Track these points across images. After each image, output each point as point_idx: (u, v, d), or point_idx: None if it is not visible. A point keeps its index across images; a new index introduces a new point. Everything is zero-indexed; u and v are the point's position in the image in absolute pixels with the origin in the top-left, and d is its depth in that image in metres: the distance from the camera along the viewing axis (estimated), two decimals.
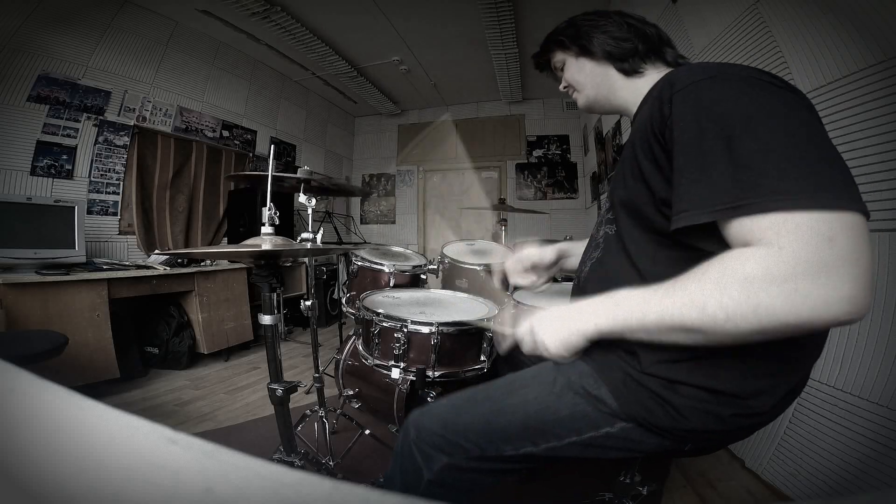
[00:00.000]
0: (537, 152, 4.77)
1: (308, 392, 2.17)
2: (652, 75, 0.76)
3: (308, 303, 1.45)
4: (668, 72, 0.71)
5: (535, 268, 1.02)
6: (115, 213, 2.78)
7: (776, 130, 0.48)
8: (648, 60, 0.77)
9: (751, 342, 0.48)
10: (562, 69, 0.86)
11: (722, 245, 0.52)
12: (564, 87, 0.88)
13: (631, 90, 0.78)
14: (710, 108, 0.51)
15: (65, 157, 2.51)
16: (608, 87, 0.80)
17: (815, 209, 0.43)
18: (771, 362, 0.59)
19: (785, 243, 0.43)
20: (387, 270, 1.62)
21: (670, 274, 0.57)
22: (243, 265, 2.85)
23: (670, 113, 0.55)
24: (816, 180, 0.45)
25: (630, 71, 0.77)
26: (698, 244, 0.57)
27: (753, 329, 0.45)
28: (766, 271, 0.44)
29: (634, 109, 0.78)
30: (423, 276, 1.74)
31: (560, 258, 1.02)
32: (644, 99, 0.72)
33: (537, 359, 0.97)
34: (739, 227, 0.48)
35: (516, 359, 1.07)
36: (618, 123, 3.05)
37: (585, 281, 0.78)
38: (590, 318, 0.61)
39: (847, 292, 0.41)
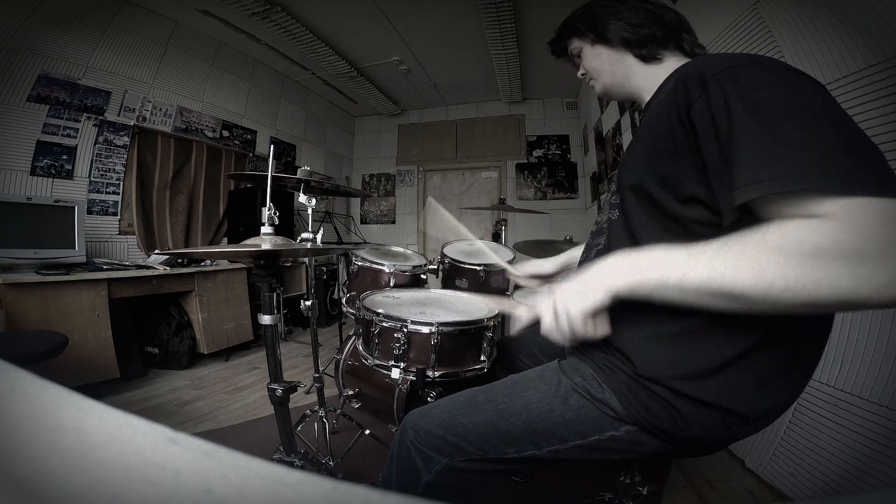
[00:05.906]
0: (537, 152, 4.77)
1: (308, 392, 2.17)
2: (670, 62, 0.75)
3: (308, 303, 1.45)
4: (686, 62, 0.70)
5: (536, 276, 1.04)
6: (115, 213, 2.78)
7: (831, 119, 0.47)
8: (667, 47, 0.75)
9: (794, 313, 0.46)
10: (579, 55, 0.85)
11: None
12: (582, 75, 0.87)
13: (647, 77, 0.76)
14: (759, 93, 0.49)
15: (65, 157, 2.51)
16: (624, 75, 0.79)
17: (879, 195, 0.42)
18: (776, 368, 0.58)
19: (854, 220, 0.42)
20: (387, 270, 1.62)
21: None
22: (243, 265, 2.85)
23: (700, 96, 0.53)
24: (876, 169, 0.44)
25: (648, 57, 0.76)
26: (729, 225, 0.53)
27: (809, 302, 0.43)
28: (837, 244, 0.42)
29: (648, 97, 0.77)
30: (423, 276, 1.74)
31: (565, 269, 1.04)
32: (661, 86, 0.70)
33: (536, 361, 0.97)
34: (798, 208, 0.45)
35: (512, 362, 1.07)
36: (617, 123, 3.05)
37: None
38: (618, 271, 0.56)
39: None
